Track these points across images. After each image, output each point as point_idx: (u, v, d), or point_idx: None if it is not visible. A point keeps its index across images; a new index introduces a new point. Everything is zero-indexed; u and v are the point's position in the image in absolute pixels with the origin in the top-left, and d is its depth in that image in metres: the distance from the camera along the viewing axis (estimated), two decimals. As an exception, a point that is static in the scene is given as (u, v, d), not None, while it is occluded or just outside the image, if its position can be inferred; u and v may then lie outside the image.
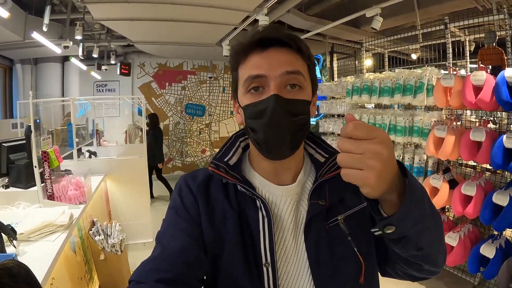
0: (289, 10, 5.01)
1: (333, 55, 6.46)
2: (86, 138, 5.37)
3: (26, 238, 1.91)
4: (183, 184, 0.83)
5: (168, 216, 0.81)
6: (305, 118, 0.75)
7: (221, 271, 0.75)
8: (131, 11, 4.50)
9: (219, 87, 9.13)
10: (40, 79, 7.27)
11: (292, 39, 0.75)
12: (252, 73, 0.73)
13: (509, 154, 2.55)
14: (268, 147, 0.74)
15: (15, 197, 2.61)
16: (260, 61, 0.74)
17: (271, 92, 0.72)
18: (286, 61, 0.74)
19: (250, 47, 0.76)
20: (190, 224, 0.77)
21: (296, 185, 0.81)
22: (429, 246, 0.68)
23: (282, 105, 0.71)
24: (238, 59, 0.78)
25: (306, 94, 0.76)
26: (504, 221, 2.54)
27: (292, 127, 0.73)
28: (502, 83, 2.55)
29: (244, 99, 0.76)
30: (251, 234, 0.76)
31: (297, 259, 0.76)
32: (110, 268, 3.00)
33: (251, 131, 0.76)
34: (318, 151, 0.86)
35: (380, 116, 3.89)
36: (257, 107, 0.73)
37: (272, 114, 0.70)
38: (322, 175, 0.80)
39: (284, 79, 0.73)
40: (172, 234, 0.76)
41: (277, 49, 0.74)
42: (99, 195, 3.77)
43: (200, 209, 0.78)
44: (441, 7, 4.85)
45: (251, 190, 0.76)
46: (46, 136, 2.74)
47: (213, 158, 0.83)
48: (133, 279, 0.70)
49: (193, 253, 0.73)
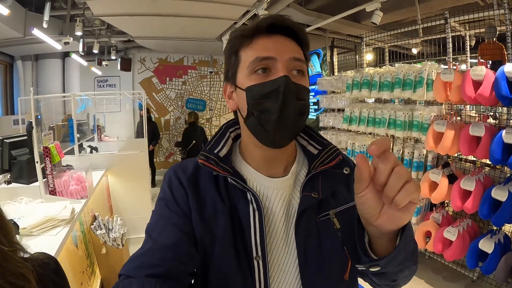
0: (289, 4, 4.99)
1: (333, 49, 6.43)
2: (87, 134, 5.38)
3: (28, 232, 1.93)
4: (173, 176, 0.81)
5: (158, 209, 0.80)
6: (307, 105, 0.76)
7: (212, 265, 0.75)
8: (131, 6, 4.50)
9: (220, 82, 9.12)
10: (41, 75, 7.27)
11: (301, 30, 0.76)
12: (261, 54, 0.72)
13: (508, 150, 2.55)
14: (274, 129, 0.72)
15: (17, 193, 2.63)
16: (268, 43, 0.73)
17: (280, 74, 0.71)
18: (293, 49, 0.75)
19: (256, 31, 0.75)
20: (180, 218, 0.75)
21: (288, 178, 0.80)
22: (403, 278, 0.72)
23: (292, 87, 0.70)
24: (241, 42, 0.76)
25: (307, 82, 0.77)
26: (502, 216, 2.55)
27: (298, 110, 0.72)
28: (502, 78, 2.54)
29: (247, 81, 0.74)
30: (241, 227, 0.75)
31: (288, 252, 0.76)
32: (111, 262, 3.03)
33: (255, 113, 0.73)
34: (311, 142, 0.85)
35: (380, 110, 3.89)
36: (266, 87, 0.71)
37: (284, 94, 0.69)
38: (315, 167, 0.79)
39: (292, 64, 0.73)
40: (163, 228, 0.75)
41: (284, 37, 0.75)
42: (101, 189, 3.79)
43: (190, 203, 0.77)
44: (442, 2, 4.84)
45: (242, 183, 0.75)
46: (47, 132, 2.75)
47: (203, 150, 0.80)
48: (123, 273, 0.69)
49: (184, 247, 0.72)
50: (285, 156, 0.81)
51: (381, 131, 3.87)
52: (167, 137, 8.74)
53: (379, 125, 3.88)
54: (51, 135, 2.79)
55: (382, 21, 4.07)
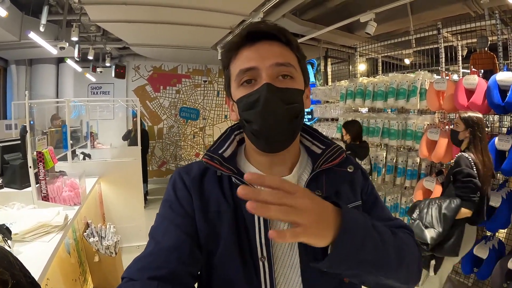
0: (284, 14, 5.04)
1: (327, 59, 6.51)
2: (80, 140, 5.34)
3: (21, 238, 1.90)
4: (177, 177, 0.81)
5: (162, 211, 0.80)
6: (298, 107, 0.75)
7: (216, 266, 0.75)
8: (128, 13, 4.50)
9: (214, 91, 9.14)
10: (35, 80, 7.22)
11: (280, 31, 0.76)
12: (244, 66, 0.74)
13: (501, 156, 2.60)
14: (264, 137, 0.73)
15: (10, 198, 2.59)
16: (251, 54, 0.74)
17: (263, 82, 0.72)
18: (276, 53, 0.74)
19: (240, 43, 0.76)
20: (184, 219, 0.75)
21: (291, 177, 0.80)
22: (378, 285, 0.69)
23: (275, 93, 0.71)
24: (229, 56, 0.78)
25: (298, 84, 0.76)
26: (497, 222, 2.58)
27: (286, 115, 0.72)
28: (494, 86, 2.59)
29: (237, 93, 0.76)
30: (246, 228, 0.74)
31: (292, 252, 0.76)
32: (104, 270, 2.98)
33: (246, 123, 0.75)
34: (315, 142, 0.85)
35: (373, 119, 3.93)
36: (250, 97, 0.73)
37: (265, 102, 0.70)
38: (319, 165, 0.80)
39: (276, 70, 0.73)
40: (166, 230, 0.75)
41: (266, 42, 0.75)
42: (93, 197, 3.75)
43: (194, 204, 0.77)
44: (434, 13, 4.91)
45: (245, 182, 0.75)
46: (41, 137, 2.73)
47: (208, 150, 0.81)
48: (126, 276, 0.69)
49: (187, 249, 0.72)
50: (288, 158, 0.82)
51: (375, 140, 3.91)
52: (160, 145, 8.70)
53: (373, 134, 3.92)
54: (44, 140, 2.77)
55: (375, 32, 4.13)
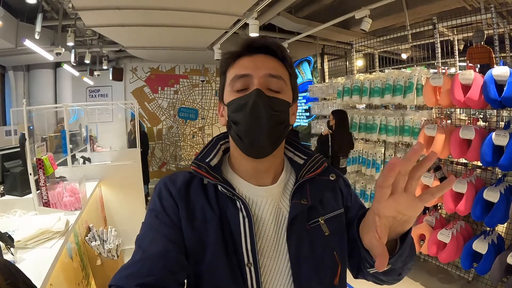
0: (279, 13, 5.04)
1: (323, 56, 6.50)
2: (80, 144, 5.35)
3: (23, 245, 1.91)
4: (163, 187, 0.82)
5: (148, 220, 0.80)
6: (284, 116, 0.79)
7: (203, 274, 0.76)
8: (123, 17, 4.50)
9: (212, 90, 9.14)
10: (33, 85, 7.22)
11: (278, 47, 0.82)
12: (239, 72, 0.79)
13: (498, 151, 2.60)
14: (249, 139, 0.76)
15: (11, 205, 2.60)
16: (247, 63, 0.79)
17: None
18: (271, 66, 0.79)
19: (240, 53, 0.81)
20: (170, 228, 0.76)
21: (277, 185, 0.83)
22: (407, 270, 0.77)
23: (263, 99, 0.75)
24: (228, 63, 0.83)
25: (286, 97, 0.80)
26: (495, 217, 2.58)
27: (271, 120, 0.76)
28: (490, 81, 2.59)
29: (229, 97, 0.80)
30: (232, 235, 0.76)
31: (279, 258, 0.78)
32: (107, 273, 3.00)
33: (234, 125, 0.78)
34: (297, 153, 0.89)
35: (371, 116, 3.94)
36: (241, 100, 0.77)
37: (253, 105, 0.74)
38: (303, 176, 0.83)
39: (267, 80, 0.77)
40: (152, 238, 0.75)
41: (264, 55, 0.80)
42: (94, 200, 3.76)
43: (181, 213, 0.78)
44: (430, 7, 4.93)
45: (232, 190, 0.77)
46: (40, 144, 2.74)
47: (195, 159, 0.84)
48: (113, 283, 0.69)
49: (174, 257, 0.73)
50: (273, 167, 0.84)
51: (373, 136, 3.92)
52: (159, 146, 8.72)
53: (371, 130, 3.92)
54: (44, 146, 2.78)
55: (371, 28, 4.14)
